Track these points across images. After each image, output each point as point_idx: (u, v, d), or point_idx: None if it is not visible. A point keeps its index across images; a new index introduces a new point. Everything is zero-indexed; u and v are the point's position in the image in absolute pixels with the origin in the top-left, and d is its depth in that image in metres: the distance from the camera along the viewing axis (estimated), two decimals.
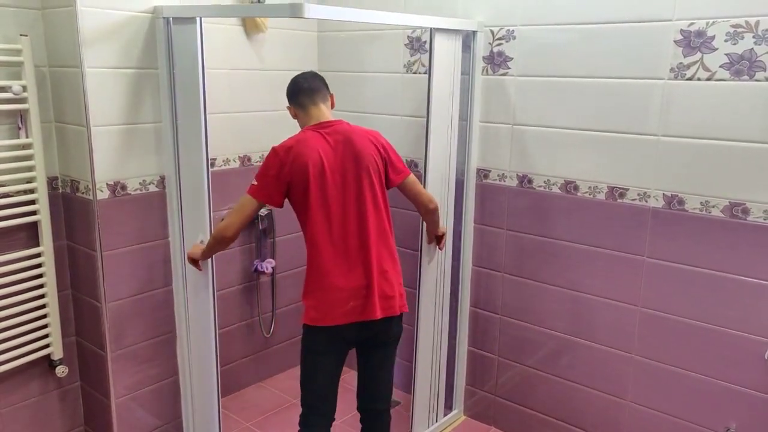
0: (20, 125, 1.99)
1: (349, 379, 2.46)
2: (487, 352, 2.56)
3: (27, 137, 2.00)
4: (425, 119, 2.23)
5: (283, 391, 2.89)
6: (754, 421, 1.95)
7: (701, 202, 1.94)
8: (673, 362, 2.08)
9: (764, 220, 1.84)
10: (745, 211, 1.87)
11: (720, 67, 1.84)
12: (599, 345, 2.24)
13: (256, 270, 2.78)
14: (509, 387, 2.53)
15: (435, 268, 2.41)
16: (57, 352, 2.17)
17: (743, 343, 1.93)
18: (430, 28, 2.14)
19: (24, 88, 1.94)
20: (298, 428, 2.01)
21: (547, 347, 2.38)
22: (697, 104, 1.90)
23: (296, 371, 3.06)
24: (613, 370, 2.22)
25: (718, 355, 1.99)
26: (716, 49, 1.83)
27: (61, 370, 2.19)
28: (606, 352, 2.23)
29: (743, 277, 1.91)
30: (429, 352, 2.49)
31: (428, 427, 2.55)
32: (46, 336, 2.13)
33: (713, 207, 1.92)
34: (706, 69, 1.86)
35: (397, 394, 2.88)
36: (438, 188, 2.32)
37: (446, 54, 2.21)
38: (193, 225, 2.15)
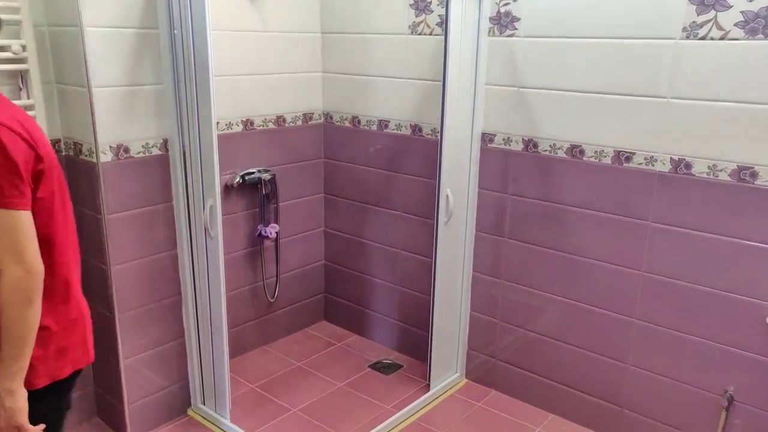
0: (21, 86, 1.97)
1: None
2: (489, 316, 2.58)
3: (28, 98, 1.98)
4: (441, 83, 2.20)
5: (287, 355, 2.92)
6: (753, 383, 1.97)
7: (708, 166, 1.92)
8: (674, 326, 2.09)
9: None
10: (753, 175, 1.85)
11: (734, 25, 1.80)
12: (601, 309, 2.25)
13: (260, 235, 2.79)
14: (510, 351, 2.55)
15: (452, 235, 2.42)
16: None
17: (745, 307, 1.94)
18: None
19: (23, 48, 1.92)
20: None
21: (548, 312, 2.40)
22: (709, 65, 1.86)
23: (300, 335, 3.12)
24: (615, 334, 2.24)
25: (719, 319, 1.99)
26: (731, 6, 1.79)
27: None
28: (608, 316, 2.24)
29: (748, 242, 1.90)
30: (445, 318, 2.53)
31: (430, 390, 2.59)
32: None
33: (720, 171, 1.91)
34: (720, 28, 1.82)
35: (399, 358, 2.92)
36: (454, 153, 2.31)
37: (461, 14, 2.18)
38: (200, 189, 2.14)
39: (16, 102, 1.96)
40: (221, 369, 2.30)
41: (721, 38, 1.82)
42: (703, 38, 1.86)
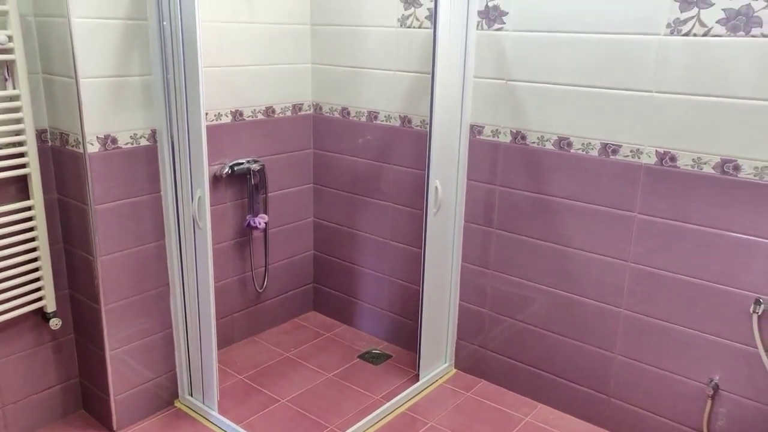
0: (6, 76, 1.95)
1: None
2: (478, 306, 2.60)
3: (14, 88, 1.96)
4: (430, 75, 2.21)
5: (275, 346, 2.93)
6: (737, 372, 2.01)
7: (693, 159, 1.95)
8: (660, 316, 2.13)
9: (754, 176, 1.85)
10: (736, 168, 1.88)
11: (716, 22, 1.82)
12: (589, 300, 2.28)
13: (248, 225, 2.78)
14: (499, 341, 2.58)
15: (441, 225, 2.43)
16: (50, 304, 2.17)
17: (730, 297, 1.97)
18: None
19: (10, 38, 1.90)
20: None
21: (537, 302, 2.42)
22: (692, 60, 1.89)
23: (289, 326, 3.13)
24: (602, 325, 2.27)
25: (705, 309, 2.03)
26: (713, 4, 1.81)
27: (54, 323, 2.20)
28: (595, 306, 2.27)
29: (732, 233, 1.93)
30: (434, 308, 2.55)
31: (419, 380, 2.61)
32: (39, 289, 2.14)
33: (705, 164, 1.93)
34: (703, 24, 1.84)
35: (388, 348, 2.94)
36: (443, 144, 2.32)
37: (450, 8, 2.18)
38: (188, 180, 2.14)
39: (2, 93, 1.94)
40: (209, 360, 2.30)
41: (704, 35, 1.85)
42: (686, 34, 1.88)
